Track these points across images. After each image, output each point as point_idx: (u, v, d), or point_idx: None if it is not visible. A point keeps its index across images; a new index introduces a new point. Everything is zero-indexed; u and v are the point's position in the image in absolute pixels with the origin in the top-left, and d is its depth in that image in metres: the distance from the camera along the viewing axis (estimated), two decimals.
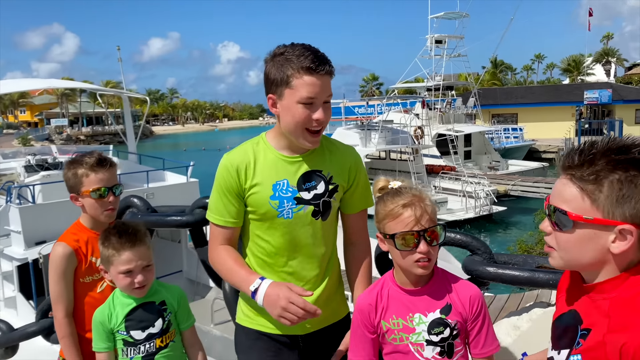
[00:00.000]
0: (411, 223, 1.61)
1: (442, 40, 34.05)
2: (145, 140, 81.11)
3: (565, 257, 1.26)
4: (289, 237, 1.92)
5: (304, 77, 1.79)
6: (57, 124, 77.27)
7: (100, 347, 2.20)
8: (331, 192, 1.95)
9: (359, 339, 1.75)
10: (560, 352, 1.29)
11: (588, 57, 69.61)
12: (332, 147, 2.04)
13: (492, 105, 42.78)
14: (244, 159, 1.93)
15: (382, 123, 26.53)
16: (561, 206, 1.22)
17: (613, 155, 1.16)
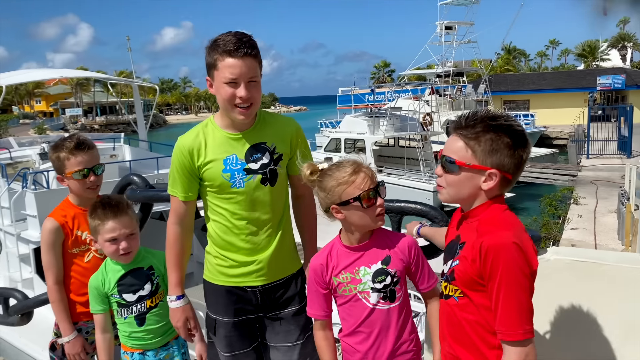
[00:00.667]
0: (366, 183, 1.89)
1: (452, 27, 33.92)
2: (159, 129, 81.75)
3: (451, 192, 1.73)
4: (243, 204, 2.20)
5: (226, 59, 2.04)
6: (72, 113, 78.30)
7: (97, 309, 2.49)
8: (276, 161, 2.22)
9: (314, 294, 2.04)
10: (447, 263, 1.77)
11: (604, 42, 68.54)
12: (274, 120, 2.31)
13: (504, 92, 42.52)
14: (196, 142, 2.21)
15: (390, 110, 26.61)
16: (451, 155, 1.69)
17: (488, 121, 1.64)
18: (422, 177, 23.54)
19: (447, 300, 1.77)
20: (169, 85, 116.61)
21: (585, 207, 14.25)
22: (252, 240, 2.25)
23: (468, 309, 1.69)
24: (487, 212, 1.68)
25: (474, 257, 1.61)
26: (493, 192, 1.68)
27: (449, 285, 1.75)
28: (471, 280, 1.65)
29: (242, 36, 2.08)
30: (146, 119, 12.87)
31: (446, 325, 1.80)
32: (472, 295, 1.66)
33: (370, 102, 32.22)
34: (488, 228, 1.62)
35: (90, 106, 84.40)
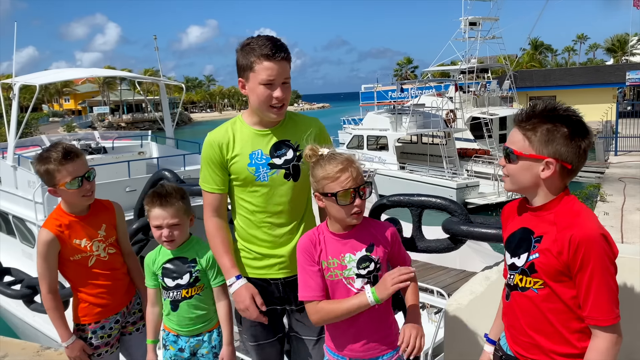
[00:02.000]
0: (348, 183, 1.99)
1: (477, 23, 33.48)
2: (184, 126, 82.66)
3: (513, 181, 1.81)
4: (266, 197, 2.33)
5: (264, 62, 2.18)
6: (99, 111, 79.75)
7: (149, 283, 2.66)
8: (299, 157, 2.32)
9: (308, 274, 2.09)
10: (520, 257, 1.82)
11: (634, 36, 66.83)
12: (298, 120, 2.45)
13: (530, 88, 41.90)
14: (225, 136, 2.35)
15: (413, 107, 26.50)
16: (510, 146, 1.79)
17: (546, 112, 1.73)
18: (445, 174, 23.42)
19: (523, 292, 1.81)
20: (194, 83, 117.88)
21: (612, 205, 14.03)
22: (274, 233, 2.36)
23: (551, 299, 1.75)
24: (562, 205, 1.75)
25: (560, 250, 1.68)
26: (554, 181, 1.75)
27: (527, 278, 1.79)
28: (556, 272, 1.71)
29: (277, 40, 2.23)
30: (172, 116, 13.11)
31: (523, 317, 1.82)
32: (555, 286, 1.73)
33: (394, 98, 32.14)
34: (571, 221, 1.70)
35: (117, 104, 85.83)
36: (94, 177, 2.68)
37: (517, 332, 1.86)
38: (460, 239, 2.57)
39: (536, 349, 1.80)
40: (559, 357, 1.76)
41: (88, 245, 2.67)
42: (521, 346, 1.85)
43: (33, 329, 8.61)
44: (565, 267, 1.69)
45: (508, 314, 1.90)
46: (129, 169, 9.60)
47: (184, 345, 2.64)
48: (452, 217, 2.59)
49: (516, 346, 1.88)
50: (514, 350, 1.88)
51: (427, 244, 2.66)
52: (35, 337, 8.28)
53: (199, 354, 2.64)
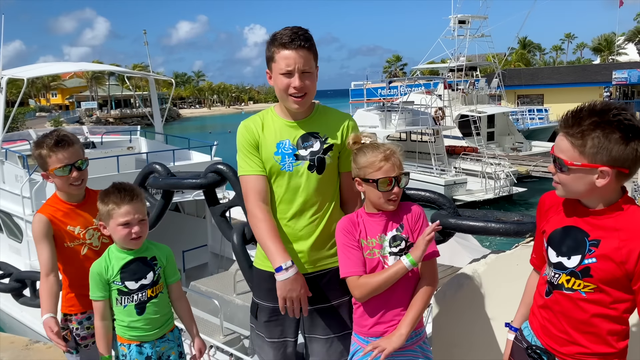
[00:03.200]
0: (389, 171, 2.12)
1: (466, 21, 33.66)
2: (173, 122, 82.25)
3: (566, 189, 1.72)
4: (289, 188, 2.33)
5: (281, 51, 2.20)
6: (87, 106, 79.06)
7: (97, 295, 2.48)
8: (325, 150, 2.33)
9: (349, 253, 2.18)
10: (570, 258, 1.74)
11: (620, 36, 67.56)
12: (329, 113, 2.46)
13: (518, 86, 42.22)
14: (257, 123, 2.38)
15: (402, 104, 26.61)
16: (559, 155, 1.69)
17: (594, 118, 1.61)
18: (434, 171, 23.57)
19: (569, 293, 1.75)
20: (183, 78, 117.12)
21: None
22: (294, 226, 2.34)
23: (599, 304, 1.70)
24: (627, 212, 1.67)
25: (625, 260, 1.62)
26: (611, 187, 1.66)
27: (577, 280, 1.72)
28: (614, 279, 1.65)
29: (298, 30, 2.22)
30: (162, 112, 13.07)
31: (564, 316, 1.78)
32: (608, 292, 1.68)
33: (384, 96, 32.24)
34: (637, 225, 1.63)
35: (105, 99, 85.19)
36: (86, 167, 2.69)
37: (554, 328, 1.82)
38: (449, 231, 2.61)
39: (573, 345, 1.78)
40: (597, 356, 1.75)
41: (82, 233, 2.68)
42: (556, 341, 1.82)
43: (21, 325, 8.57)
44: (625, 276, 1.64)
45: (546, 309, 1.85)
46: (117, 163, 9.57)
47: (150, 352, 2.53)
48: (441, 210, 2.63)
49: (549, 340, 1.84)
50: (545, 343, 1.86)
51: None
52: (23, 332, 8.24)
53: (164, 356, 2.57)
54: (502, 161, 24.65)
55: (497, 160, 24.40)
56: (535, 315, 1.91)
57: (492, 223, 2.45)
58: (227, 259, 10.86)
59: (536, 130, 34.30)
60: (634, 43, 65.13)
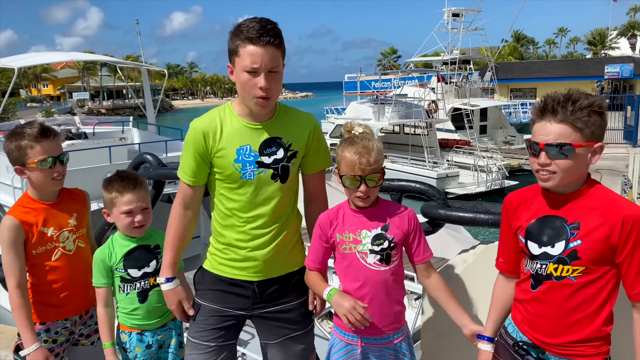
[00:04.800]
0: (355, 169, 2.03)
1: (460, 14, 33.69)
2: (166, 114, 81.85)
3: (564, 175, 1.72)
4: (250, 197, 2.15)
5: (247, 46, 1.98)
6: (79, 97, 78.48)
7: (101, 282, 2.47)
8: (289, 158, 2.17)
9: (315, 247, 2.22)
10: (554, 245, 1.78)
11: (613, 30, 67.83)
12: (292, 115, 2.24)
13: (511, 80, 42.39)
14: (211, 125, 2.14)
15: (395, 97, 26.63)
16: (564, 141, 1.70)
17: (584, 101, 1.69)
18: (426, 164, 23.64)
19: (559, 281, 1.78)
20: (176, 70, 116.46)
21: None
22: (252, 235, 2.19)
23: (589, 285, 1.74)
24: (596, 190, 1.77)
25: (609, 234, 1.68)
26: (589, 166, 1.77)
27: (565, 266, 1.76)
28: (601, 256, 1.71)
29: (267, 23, 2.02)
30: (154, 103, 13.01)
31: (555, 305, 1.80)
32: (597, 271, 1.73)
33: (377, 88, 32.24)
34: (614, 203, 1.72)
35: (97, 90, 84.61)
36: (67, 161, 2.54)
37: (544, 320, 1.83)
38: (439, 222, 2.64)
39: (563, 335, 1.80)
40: (585, 343, 1.78)
41: (55, 235, 2.50)
42: (546, 334, 1.83)
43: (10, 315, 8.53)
44: (611, 250, 1.70)
45: (533, 303, 1.85)
46: (110, 154, 9.53)
47: (151, 340, 2.53)
48: (431, 201, 2.66)
49: (538, 334, 1.85)
50: (533, 338, 1.86)
51: None
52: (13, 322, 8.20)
53: (165, 345, 2.57)
54: (494, 154, 24.77)
55: (489, 154, 24.51)
56: (520, 311, 1.91)
57: (481, 214, 2.48)
58: None
59: (528, 124, 33.95)
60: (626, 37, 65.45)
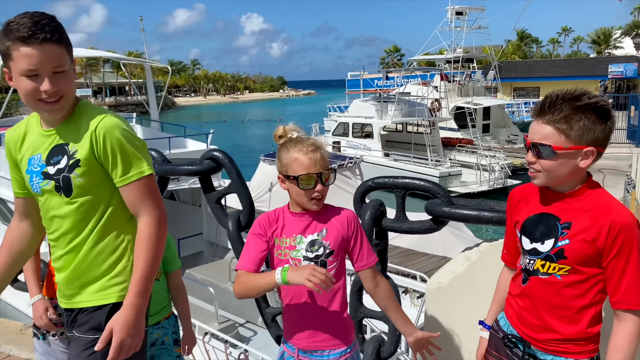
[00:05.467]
0: (311, 167, 1.96)
1: (463, 12, 33.61)
2: (168, 110, 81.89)
3: (549, 175, 1.76)
4: (43, 212, 1.96)
5: (20, 48, 1.73)
6: (81, 94, 78.19)
7: None
8: (71, 167, 1.87)
9: (248, 246, 2.04)
10: (544, 242, 1.80)
11: (617, 29, 67.55)
12: (84, 116, 1.91)
13: (514, 79, 42.26)
14: (16, 134, 1.99)
15: (398, 95, 26.59)
16: (544, 142, 1.73)
17: (573, 103, 1.69)
18: (429, 163, 23.63)
19: (545, 277, 1.81)
20: (178, 67, 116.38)
21: None
22: (55, 254, 1.99)
23: (574, 285, 1.76)
24: (593, 192, 1.77)
25: (596, 237, 1.69)
26: (586, 169, 1.76)
27: (552, 264, 1.79)
28: (587, 258, 1.72)
29: (41, 18, 1.75)
30: (157, 100, 13.02)
31: (540, 302, 1.83)
32: (582, 272, 1.74)
33: (380, 87, 32.19)
34: (607, 208, 1.72)
35: (100, 87, 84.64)
36: None
37: (530, 315, 1.87)
38: (442, 220, 2.64)
39: (547, 332, 1.82)
40: (570, 342, 1.80)
41: None
42: (531, 329, 1.86)
43: (15, 310, 8.58)
44: (597, 253, 1.71)
45: (522, 297, 1.89)
46: None
47: None
48: (435, 199, 2.66)
49: (525, 328, 1.88)
50: (521, 332, 1.90)
51: (410, 225, 2.73)
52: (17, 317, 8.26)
53: (158, 342, 2.55)
54: (497, 153, 24.74)
55: (492, 153, 24.48)
56: (512, 305, 1.95)
57: (485, 212, 2.48)
58: (223, 247, 10.90)
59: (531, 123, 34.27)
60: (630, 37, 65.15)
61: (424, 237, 9.77)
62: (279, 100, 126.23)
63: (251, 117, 72.84)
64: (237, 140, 45.59)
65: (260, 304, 3.09)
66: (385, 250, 2.84)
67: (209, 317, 7.64)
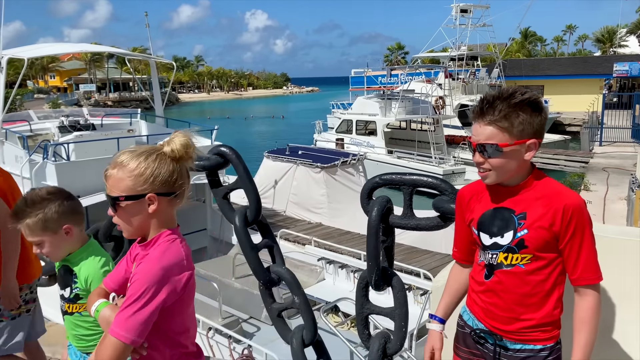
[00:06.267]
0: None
1: (468, 10, 33.53)
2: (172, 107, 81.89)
3: (499, 172, 1.86)
4: None
5: None
6: (86, 89, 78.58)
7: None
8: None
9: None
10: (503, 236, 1.89)
11: (622, 28, 67.21)
12: None
13: (518, 77, 42.07)
14: None
15: (402, 93, 26.53)
16: (490, 142, 1.83)
17: (509, 101, 1.81)
18: (433, 161, 23.59)
19: (509, 269, 1.90)
20: (182, 63, 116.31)
21: (596, 194, 14.27)
22: None
23: (538, 271, 1.86)
24: (541, 182, 1.87)
25: (552, 222, 1.79)
26: (531, 159, 1.86)
27: (514, 255, 1.88)
28: (545, 243, 1.82)
29: None
30: (162, 96, 13.03)
31: (507, 293, 1.91)
32: (543, 257, 1.85)
33: (384, 84, 32.13)
34: (557, 193, 1.83)
35: (104, 82, 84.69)
36: None
37: (497, 308, 1.94)
38: (450, 217, 2.64)
39: (517, 321, 1.91)
40: (539, 328, 1.89)
41: None
42: (501, 321, 1.94)
43: None
44: (554, 237, 1.81)
45: (488, 293, 1.96)
46: (118, 146, 9.56)
47: (73, 358, 2.39)
48: (443, 195, 2.66)
49: (494, 322, 1.96)
50: (490, 325, 1.98)
51: (417, 222, 2.72)
52: None
53: None
54: None
55: None
56: (476, 302, 2.02)
57: None
58: (227, 243, 10.92)
59: None
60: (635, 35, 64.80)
61: (427, 235, 9.77)
62: (282, 97, 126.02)
63: (255, 114, 72.78)
64: (240, 136, 45.58)
65: (266, 300, 3.10)
66: (392, 247, 2.85)
67: (212, 312, 7.66)
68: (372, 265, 2.63)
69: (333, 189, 12.84)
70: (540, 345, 1.90)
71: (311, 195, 13.25)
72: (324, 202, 13.00)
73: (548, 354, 1.90)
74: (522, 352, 1.92)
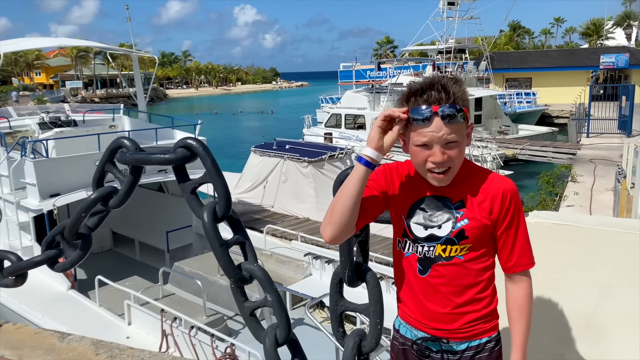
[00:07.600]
0: None
1: (455, 2, 33.49)
2: (160, 103, 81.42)
3: (456, 165, 1.71)
4: None
5: None
6: (72, 86, 77.72)
7: None
8: None
9: None
10: (441, 227, 1.77)
11: (609, 20, 67.64)
12: None
13: (506, 70, 42.23)
14: None
15: (390, 86, 26.50)
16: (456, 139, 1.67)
17: (452, 89, 1.66)
18: None
19: (448, 262, 1.78)
20: (170, 58, 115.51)
21: (583, 185, 14.31)
22: None
23: (477, 260, 1.79)
24: (476, 171, 1.80)
25: (490, 210, 1.73)
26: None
27: (453, 246, 1.76)
28: (484, 231, 1.76)
29: None
30: (146, 92, 12.84)
31: (447, 286, 1.80)
32: (483, 246, 1.78)
33: (372, 78, 32.07)
34: (491, 180, 1.76)
35: (91, 79, 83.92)
36: None
37: (439, 305, 1.81)
38: None
39: (462, 315, 1.81)
40: (483, 320, 1.82)
41: None
42: (442, 321, 1.82)
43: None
44: (492, 225, 1.75)
45: (424, 290, 1.83)
46: (99, 142, 9.38)
47: None
48: None
49: (436, 323, 1.83)
50: (431, 329, 1.85)
51: None
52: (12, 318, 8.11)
53: None
54: (489, 144, 24.67)
55: (484, 143, 24.41)
56: (409, 307, 1.89)
57: None
58: None
59: (523, 114, 34.40)
60: (622, 27, 65.25)
61: None
62: (271, 92, 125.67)
63: (243, 109, 72.45)
64: (229, 132, 45.36)
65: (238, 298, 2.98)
66: (367, 241, 2.74)
67: (197, 310, 7.56)
68: (345, 261, 2.52)
69: (321, 183, 12.76)
70: (485, 338, 1.84)
71: (299, 189, 13.16)
72: (312, 196, 12.92)
73: (494, 345, 1.85)
74: (470, 350, 1.83)
